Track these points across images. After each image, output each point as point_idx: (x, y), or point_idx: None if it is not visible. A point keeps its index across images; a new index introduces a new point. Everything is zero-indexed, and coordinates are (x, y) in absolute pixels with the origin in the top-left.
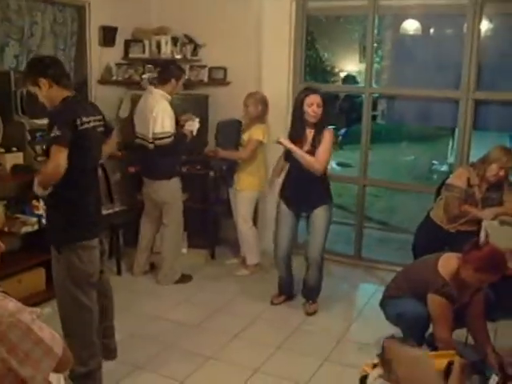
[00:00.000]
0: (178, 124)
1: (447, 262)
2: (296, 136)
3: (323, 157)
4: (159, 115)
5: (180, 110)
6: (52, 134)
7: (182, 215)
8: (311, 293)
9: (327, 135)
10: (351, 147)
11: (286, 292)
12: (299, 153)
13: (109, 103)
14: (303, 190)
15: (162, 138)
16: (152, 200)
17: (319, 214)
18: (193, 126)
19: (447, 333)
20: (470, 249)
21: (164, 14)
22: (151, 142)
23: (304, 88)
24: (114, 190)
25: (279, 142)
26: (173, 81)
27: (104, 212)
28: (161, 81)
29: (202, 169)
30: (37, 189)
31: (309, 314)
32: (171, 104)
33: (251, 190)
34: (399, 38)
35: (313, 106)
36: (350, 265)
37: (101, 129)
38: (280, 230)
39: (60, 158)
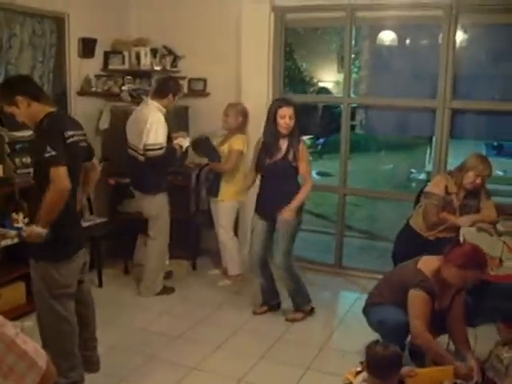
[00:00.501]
0: (169, 139)
1: (427, 262)
2: (269, 146)
3: (308, 171)
4: (153, 126)
5: None
6: (47, 155)
7: (168, 229)
8: (293, 300)
9: (302, 149)
10: (330, 156)
11: (269, 300)
12: (296, 204)
13: (88, 115)
14: (274, 197)
15: (154, 150)
16: (142, 213)
17: (283, 219)
18: (183, 142)
19: (424, 328)
20: (452, 248)
21: (143, 25)
22: (142, 154)
23: (276, 99)
24: (94, 202)
25: None
26: (170, 96)
27: (84, 224)
28: (158, 94)
29: (183, 180)
30: (41, 228)
31: (287, 320)
32: (166, 118)
33: (231, 200)
34: (376, 49)
35: (285, 119)
36: (330, 273)
37: (83, 144)
38: (254, 238)
39: (64, 179)
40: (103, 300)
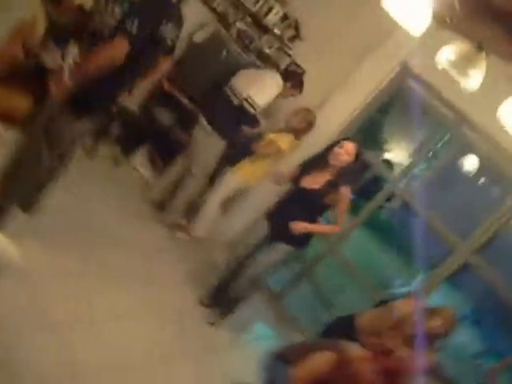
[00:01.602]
0: None
1: None
2: (308, 168)
3: (341, 221)
4: (267, 89)
5: None
6: (128, 26)
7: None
8: (219, 300)
9: (345, 196)
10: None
11: (215, 295)
12: (319, 229)
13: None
14: (287, 218)
15: (252, 107)
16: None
17: (280, 248)
18: None
19: None
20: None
21: None
22: (240, 101)
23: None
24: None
25: None
26: (289, 85)
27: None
28: (285, 74)
29: None
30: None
31: (202, 303)
32: None
33: (241, 177)
34: (450, 167)
35: (342, 149)
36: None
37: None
38: (251, 238)
39: (121, 53)
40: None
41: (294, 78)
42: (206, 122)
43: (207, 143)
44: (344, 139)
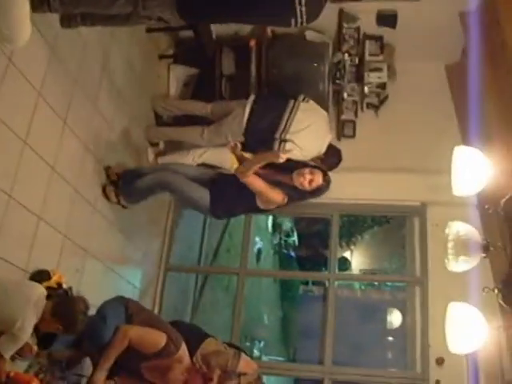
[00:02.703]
0: None
1: None
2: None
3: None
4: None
5: None
6: None
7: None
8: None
9: (278, 198)
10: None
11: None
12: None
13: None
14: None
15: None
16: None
17: (204, 196)
18: None
19: None
20: None
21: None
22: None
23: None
24: None
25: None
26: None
27: None
28: (325, 161)
29: None
30: None
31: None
32: None
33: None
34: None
35: (310, 178)
36: None
37: None
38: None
39: None
40: None
41: (330, 162)
42: (250, 109)
43: (237, 119)
44: (317, 168)
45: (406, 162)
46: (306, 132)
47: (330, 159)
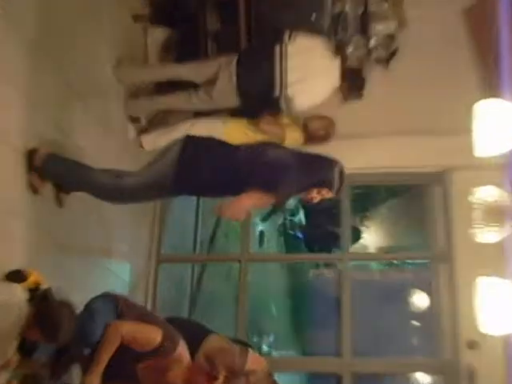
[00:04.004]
0: None
1: None
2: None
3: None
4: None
5: None
6: None
7: None
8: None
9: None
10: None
11: None
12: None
13: None
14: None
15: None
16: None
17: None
18: None
19: None
20: None
21: None
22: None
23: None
24: None
25: None
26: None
27: None
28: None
29: None
30: None
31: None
32: None
33: (225, 131)
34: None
35: (323, 194)
36: None
37: None
38: None
39: None
40: None
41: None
42: (236, 66)
43: (227, 78)
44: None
45: (423, 123)
46: (308, 76)
47: (353, 84)
